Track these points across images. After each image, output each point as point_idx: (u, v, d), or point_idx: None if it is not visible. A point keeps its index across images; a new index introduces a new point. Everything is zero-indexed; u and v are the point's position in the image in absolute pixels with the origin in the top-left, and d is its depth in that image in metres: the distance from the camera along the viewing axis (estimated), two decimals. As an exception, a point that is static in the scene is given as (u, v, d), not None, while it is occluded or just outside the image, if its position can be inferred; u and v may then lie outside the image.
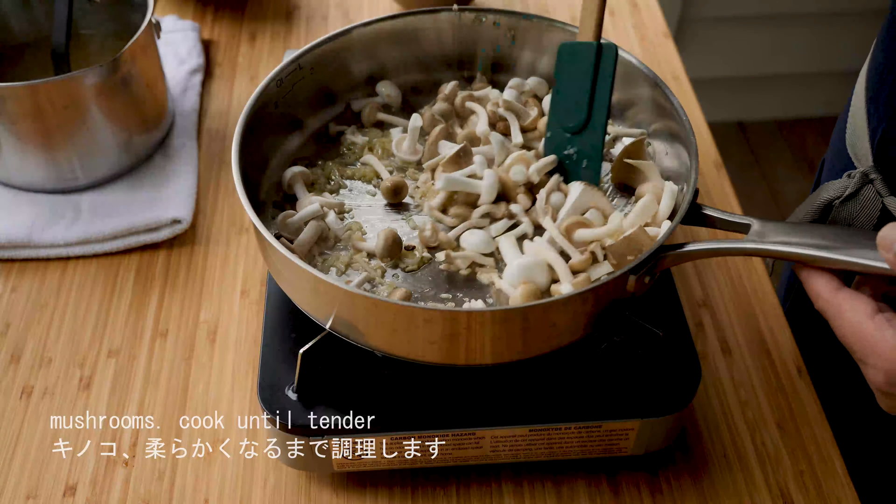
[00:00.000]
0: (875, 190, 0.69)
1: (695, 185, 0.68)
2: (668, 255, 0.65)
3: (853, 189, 0.70)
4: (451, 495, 0.72)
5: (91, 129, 0.87)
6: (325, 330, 0.67)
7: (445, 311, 0.61)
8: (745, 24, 2.11)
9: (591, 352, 0.71)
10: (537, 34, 0.84)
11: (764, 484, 0.72)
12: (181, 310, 0.84)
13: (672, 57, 1.10)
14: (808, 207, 0.73)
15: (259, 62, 1.08)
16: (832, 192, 0.71)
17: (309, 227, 0.72)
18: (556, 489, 0.72)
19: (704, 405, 0.77)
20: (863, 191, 0.70)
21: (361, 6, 1.17)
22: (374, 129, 0.84)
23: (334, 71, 0.83)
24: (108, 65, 0.85)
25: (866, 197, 0.70)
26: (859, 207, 0.70)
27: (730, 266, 0.87)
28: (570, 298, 0.61)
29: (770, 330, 0.82)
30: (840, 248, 0.60)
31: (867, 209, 0.69)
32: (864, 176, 0.70)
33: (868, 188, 0.70)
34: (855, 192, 0.70)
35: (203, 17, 1.15)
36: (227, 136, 0.99)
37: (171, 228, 0.88)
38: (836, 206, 0.71)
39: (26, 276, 0.86)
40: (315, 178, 0.79)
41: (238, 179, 0.68)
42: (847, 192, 0.70)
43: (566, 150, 0.76)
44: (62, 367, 0.79)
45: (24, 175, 0.89)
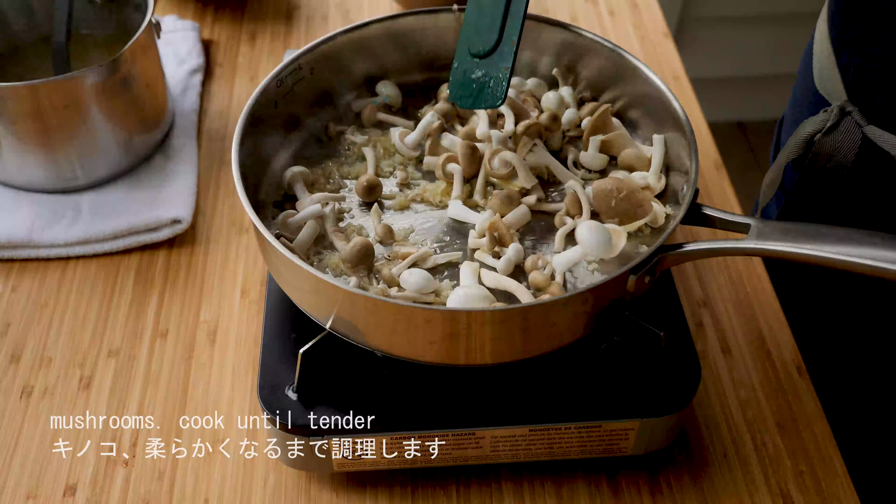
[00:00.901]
0: (854, 120, 0.73)
1: (695, 185, 0.68)
2: (668, 255, 0.65)
3: (833, 121, 0.74)
4: (451, 495, 0.72)
5: (91, 129, 0.87)
6: (325, 330, 0.67)
7: (445, 311, 0.61)
8: (745, 24, 2.11)
9: (591, 352, 0.71)
10: (537, 34, 0.84)
11: (764, 484, 0.72)
12: (181, 310, 0.84)
13: (672, 57, 1.10)
14: (791, 145, 0.77)
15: (259, 62, 1.08)
16: (813, 127, 0.75)
17: (307, 227, 0.72)
18: (556, 489, 0.72)
19: (704, 405, 0.77)
20: (842, 122, 0.74)
21: (361, 6, 1.17)
22: (374, 129, 0.84)
23: (334, 71, 0.83)
24: (108, 65, 0.85)
25: (846, 127, 0.74)
26: (841, 137, 0.74)
27: (730, 266, 0.87)
28: (570, 298, 0.61)
29: (770, 330, 0.82)
30: (841, 248, 0.60)
31: (848, 139, 0.73)
32: (842, 109, 0.74)
33: (847, 119, 0.74)
34: (835, 124, 0.74)
35: (203, 17, 1.15)
36: (227, 136, 0.99)
37: (171, 228, 0.88)
38: (818, 140, 0.75)
39: (26, 276, 0.86)
40: (315, 178, 0.79)
41: (238, 179, 0.68)
42: (828, 125, 0.74)
43: (473, 75, 0.75)
44: (62, 367, 0.79)
45: (24, 175, 0.89)
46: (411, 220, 0.76)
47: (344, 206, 0.77)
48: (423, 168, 0.80)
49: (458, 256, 0.72)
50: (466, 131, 0.80)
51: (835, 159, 0.75)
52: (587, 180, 0.78)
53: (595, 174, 0.79)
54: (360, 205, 0.77)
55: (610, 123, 0.80)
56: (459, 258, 0.72)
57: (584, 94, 0.85)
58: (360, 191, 0.77)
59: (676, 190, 0.76)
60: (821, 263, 0.61)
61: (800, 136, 0.77)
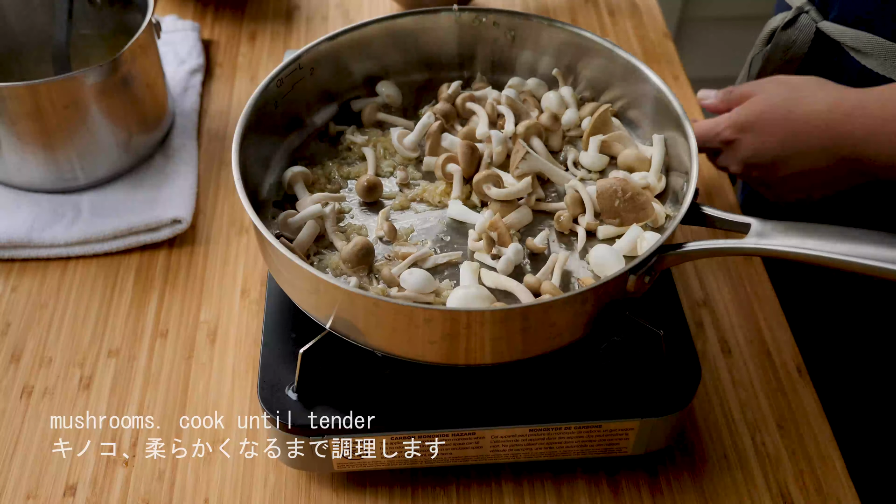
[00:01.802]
0: (810, 17, 0.85)
1: (695, 185, 0.68)
2: (668, 255, 0.65)
3: (791, 17, 0.86)
4: (451, 495, 0.72)
5: (91, 129, 0.87)
6: (325, 330, 0.67)
7: (445, 311, 0.61)
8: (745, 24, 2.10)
9: (591, 352, 0.71)
10: (537, 34, 0.84)
11: (764, 484, 0.72)
12: (181, 310, 0.84)
13: (672, 57, 1.10)
14: (758, 40, 0.90)
15: (259, 62, 1.08)
16: (775, 23, 0.88)
17: (307, 227, 0.72)
18: (556, 489, 0.72)
19: (704, 405, 0.77)
20: (799, 18, 0.86)
21: (361, 6, 1.17)
22: (374, 129, 0.84)
23: (334, 71, 0.83)
24: (108, 65, 0.85)
25: (802, 23, 0.85)
26: (797, 32, 0.85)
27: (730, 266, 0.87)
28: (570, 298, 0.61)
29: (770, 330, 0.82)
30: (840, 248, 0.60)
31: (803, 33, 0.85)
32: (799, 9, 0.86)
33: (803, 16, 0.85)
34: (792, 19, 0.86)
35: (203, 17, 1.15)
36: (227, 136, 0.99)
37: (171, 228, 0.88)
38: (777, 33, 0.87)
39: (26, 276, 0.86)
40: (315, 178, 0.79)
41: (238, 179, 0.68)
42: (786, 20, 0.86)
43: None
44: (62, 367, 0.79)
45: (24, 175, 0.89)
46: (411, 220, 0.76)
47: (344, 206, 0.77)
48: (423, 168, 0.80)
49: (458, 256, 0.72)
50: (466, 131, 0.80)
51: (791, 51, 0.86)
52: (584, 180, 0.78)
53: (595, 174, 0.79)
54: (360, 205, 0.77)
55: (610, 123, 0.81)
56: (459, 258, 0.72)
57: (584, 94, 0.85)
58: (360, 191, 0.77)
59: (676, 190, 0.76)
60: (821, 263, 0.61)
61: (764, 32, 0.89)
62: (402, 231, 0.74)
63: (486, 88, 0.85)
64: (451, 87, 0.84)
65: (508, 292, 0.69)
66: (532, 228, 0.75)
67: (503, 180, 0.76)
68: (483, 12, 0.84)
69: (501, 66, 0.87)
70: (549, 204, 0.76)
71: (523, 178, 0.75)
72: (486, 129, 0.79)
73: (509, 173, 0.77)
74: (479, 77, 0.87)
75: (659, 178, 0.76)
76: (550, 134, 0.81)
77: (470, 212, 0.75)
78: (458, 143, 0.77)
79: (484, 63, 0.87)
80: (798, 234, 0.63)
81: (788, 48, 0.86)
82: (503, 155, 0.78)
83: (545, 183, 0.78)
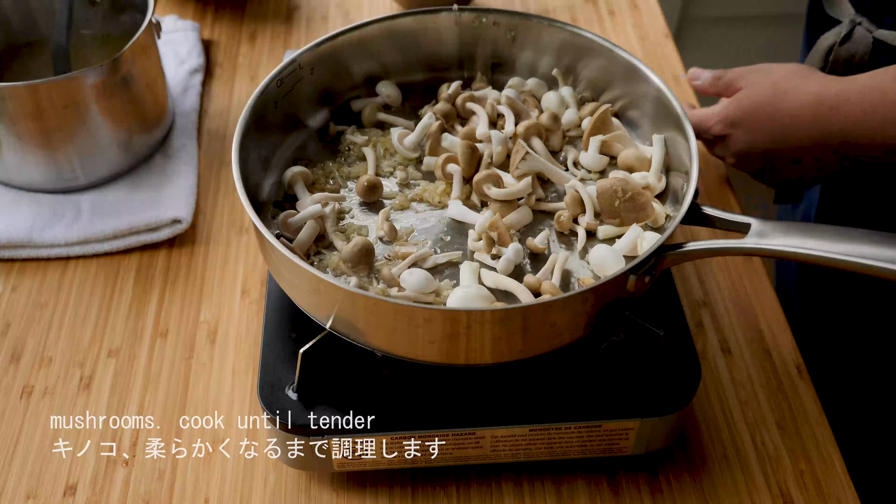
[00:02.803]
0: (865, 28, 0.84)
1: (695, 185, 0.68)
2: (668, 255, 0.65)
3: (846, 31, 0.85)
4: (451, 495, 0.72)
5: (91, 129, 0.87)
6: (325, 330, 0.67)
7: (445, 311, 0.61)
8: (745, 24, 2.11)
9: (591, 352, 0.71)
10: (537, 34, 0.84)
11: (764, 484, 0.72)
12: (181, 310, 0.84)
13: (672, 57, 1.10)
14: (813, 58, 0.88)
15: (259, 62, 1.08)
16: (829, 40, 0.87)
17: (307, 227, 0.72)
18: (556, 489, 0.72)
19: (704, 405, 0.77)
20: (855, 31, 0.85)
21: (361, 6, 1.17)
22: (374, 129, 0.84)
23: (334, 71, 0.83)
24: (108, 65, 0.85)
25: (859, 35, 0.84)
26: (856, 44, 0.84)
27: (730, 266, 0.87)
28: (570, 298, 0.61)
29: (770, 330, 0.82)
30: (841, 248, 0.60)
31: (862, 44, 0.84)
32: (852, 21, 0.85)
33: (858, 28, 0.85)
34: (848, 33, 0.85)
35: (203, 17, 1.15)
36: (227, 136, 0.99)
37: (171, 228, 0.88)
38: (835, 49, 0.86)
39: (26, 276, 0.86)
40: (315, 178, 0.79)
41: (238, 179, 0.68)
42: (843, 35, 0.85)
43: None
44: (62, 366, 0.79)
45: (24, 175, 0.89)
46: (411, 220, 0.76)
47: (344, 206, 0.77)
48: (423, 168, 0.80)
49: (458, 256, 0.72)
50: (466, 131, 0.80)
51: (853, 65, 0.85)
52: (584, 180, 0.78)
53: (595, 174, 0.79)
54: (360, 205, 0.77)
55: (610, 124, 0.81)
56: (459, 258, 0.72)
57: (584, 94, 0.85)
58: (360, 191, 0.77)
59: (676, 190, 0.76)
60: (821, 263, 0.61)
61: (819, 49, 0.87)
62: (402, 231, 0.74)
63: (486, 88, 0.85)
64: (451, 87, 0.84)
65: (508, 292, 0.69)
66: (532, 228, 0.75)
67: (503, 180, 0.76)
68: (483, 12, 0.84)
69: (501, 66, 0.87)
70: (549, 204, 0.76)
71: (523, 178, 0.75)
72: (486, 129, 0.79)
73: (509, 173, 0.77)
74: (479, 77, 0.87)
75: (659, 178, 0.76)
76: (550, 134, 0.81)
77: (470, 212, 0.75)
78: (458, 143, 0.78)
79: (484, 63, 0.87)
80: (798, 234, 0.63)
81: (850, 62, 0.85)
82: (503, 155, 0.78)
83: (545, 183, 0.78)
